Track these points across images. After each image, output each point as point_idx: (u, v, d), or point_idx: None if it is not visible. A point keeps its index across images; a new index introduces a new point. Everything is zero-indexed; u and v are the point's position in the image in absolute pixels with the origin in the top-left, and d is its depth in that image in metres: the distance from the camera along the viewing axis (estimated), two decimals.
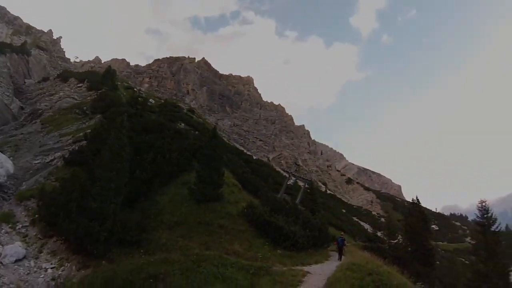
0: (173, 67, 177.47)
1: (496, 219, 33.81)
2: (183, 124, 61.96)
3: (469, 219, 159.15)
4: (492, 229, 33.34)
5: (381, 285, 13.37)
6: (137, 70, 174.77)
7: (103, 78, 73.68)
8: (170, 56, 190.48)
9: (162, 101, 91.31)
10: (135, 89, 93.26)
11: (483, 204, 34.17)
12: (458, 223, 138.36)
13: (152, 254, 15.59)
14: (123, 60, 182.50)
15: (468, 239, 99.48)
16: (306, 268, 19.33)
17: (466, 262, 58.10)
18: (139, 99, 64.77)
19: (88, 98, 61.49)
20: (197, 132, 56.25)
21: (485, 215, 33.75)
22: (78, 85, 72.19)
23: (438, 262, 47.96)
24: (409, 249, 41.15)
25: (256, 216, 28.34)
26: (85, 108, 53.10)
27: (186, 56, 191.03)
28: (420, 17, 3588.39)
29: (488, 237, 32.87)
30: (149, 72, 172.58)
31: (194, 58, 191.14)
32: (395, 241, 52.42)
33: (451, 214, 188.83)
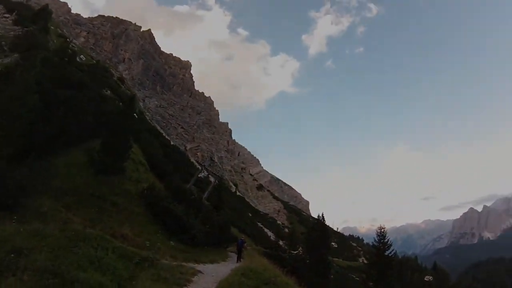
0: (116, 29, 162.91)
1: (391, 245, 37.25)
2: (109, 91, 56.98)
3: (365, 241, 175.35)
4: (386, 253, 36.63)
5: None
6: (77, 20, 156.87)
7: (36, 16, 64.35)
8: (116, 17, 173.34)
9: (94, 61, 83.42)
10: (68, 39, 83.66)
11: (382, 230, 37.47)
12: (354, 244, 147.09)
13: (26, 223, 12.85)
14: (65, 4, 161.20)
15: (361, 259, 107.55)
16: (198, 267, 17.69)
17: (357, 279, 61.97)
18: (69, 51, 57.95)
19: (11, 33, 52.86)
20: (121, 104, 52.14)
21: (382, 240, 36.94)
22: (5, 14, 61.93)
23: (332, 276, 50.22)
24: (308, 261, 42.86)
25: (155, 200, 26.20)
26: (3, 43, 45.60)
27: (133, 22, 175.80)
28: (366, 55, 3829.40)
29: (381, 259, 35.93)
30: (88, 26, 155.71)
31: (140, 27, 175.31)
32: (296, 252, 54.20)
33: (349, 235, 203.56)
